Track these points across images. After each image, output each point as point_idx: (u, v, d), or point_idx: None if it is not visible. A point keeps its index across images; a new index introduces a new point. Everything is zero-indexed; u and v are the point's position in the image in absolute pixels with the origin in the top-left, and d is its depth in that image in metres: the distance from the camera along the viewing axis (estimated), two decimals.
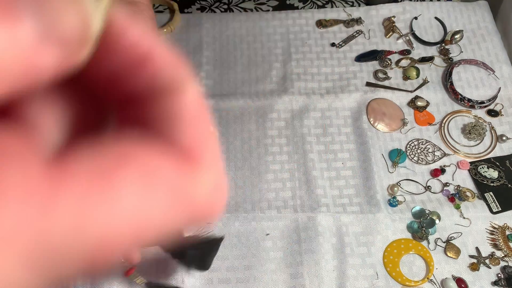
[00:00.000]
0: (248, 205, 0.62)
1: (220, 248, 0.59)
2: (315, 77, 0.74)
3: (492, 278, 0.58)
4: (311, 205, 0.62)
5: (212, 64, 0.75)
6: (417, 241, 0.60)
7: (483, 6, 0.81)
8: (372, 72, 0.74)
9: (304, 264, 0.57)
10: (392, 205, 0.62)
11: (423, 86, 0.72)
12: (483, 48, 0.76)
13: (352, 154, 0.67)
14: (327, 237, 0.59)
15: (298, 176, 0.65)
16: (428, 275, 0.57)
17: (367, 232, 0.60)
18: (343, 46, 0.77)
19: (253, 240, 0.59)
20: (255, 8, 0.83)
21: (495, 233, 0.60)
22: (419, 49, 0.77)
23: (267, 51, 0.77)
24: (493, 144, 0.68)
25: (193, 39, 0.77)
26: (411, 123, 0.69)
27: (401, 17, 0.80)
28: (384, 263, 0.58)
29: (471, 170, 0.65)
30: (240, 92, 0.72)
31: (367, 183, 0.64)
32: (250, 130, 0.69)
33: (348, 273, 0.57)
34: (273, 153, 0.67)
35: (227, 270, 0.58)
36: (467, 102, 0.70)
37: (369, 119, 0.69)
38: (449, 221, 0.61)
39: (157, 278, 0.56)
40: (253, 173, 0.65)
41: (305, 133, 0.68)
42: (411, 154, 0.67)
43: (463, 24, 0.79)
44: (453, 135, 0.68)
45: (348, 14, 0.80)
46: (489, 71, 0.74)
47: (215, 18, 0.80)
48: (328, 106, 0.71)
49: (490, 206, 0.62)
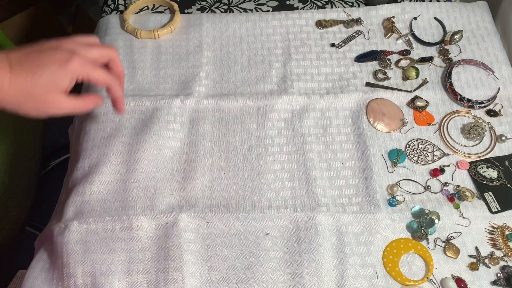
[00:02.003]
0: (248, 205, 0.62)
1: (220, 247, 0.59)
2: (315, 78, 0.74)
3: (491, 277, 0.58)
4: (311, 205, 0.62)
5: (212, 64, 0.75)
6: (416, 241, 0.60)
7: (482, 7, 0.81)
8: (372, 72, 0.74)
9: (304, 263, 0.57)
10: (392, 205, 0.62)
11: (423, 86, 0.72)
12: (482, 49, 0.76)
13: (352, 154, 0.67)
14: (326, 237, 0.59)
15: (298, 176, 0.65)
16: (427, 274, 0.58)
17: (367, 232, 0.60)
18: (342, 46, 0.77)
19: (253, 239, 0.60)
20: (255, 8, 0.83)
21: (495, 233, 0.60)
22: (418, 49, 0.77)
23: (267, 51, 0.77)
24: (493, 144, 0.68)
25: (193, 39, 0.78)
26: (411, 123, 0.70)
27: (400, 18, 0.80)
28: (383, 263, 0.58)
29: (470, 170, 0.66)
30: (240, 92, 0.72)
31: (367, 183, 0.64)
32: (250, 130, 0.69)
33: (347, 273, 0.57)
34: (273, 153, 0.67)
35: (227, 269, 0.58)
36: (466, 102, 0.70)
37: (369, 119, 0.69)
38: (449, 221, 0.61)
39: None
40: (253, 173, 0.65)
41: (305, 133, 0.68)
42: (410, 154, 0.67)
43: (463, 25, 0.79)
44: (453, 135, 0.69)
45: (348, 14, 0.80)
46: (489, 71, 0.74)
47: (215, 18, 0.80)
48: (327, 106, 0.71)
49: (489, 206, 0.62)
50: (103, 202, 0.62)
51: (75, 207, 0.61)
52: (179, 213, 0.60)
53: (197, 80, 0.73)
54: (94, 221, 0.60)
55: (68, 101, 0.54)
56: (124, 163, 0.65)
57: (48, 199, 0.79)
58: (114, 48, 0.59)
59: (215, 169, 0.65)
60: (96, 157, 0.65)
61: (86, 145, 0.67)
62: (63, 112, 0.54)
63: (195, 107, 0.71)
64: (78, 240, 0.59)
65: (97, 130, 0.68)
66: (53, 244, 0.60)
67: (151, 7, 0.83)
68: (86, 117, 0.70)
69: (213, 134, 0.68)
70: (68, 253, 0.58)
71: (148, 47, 0.77)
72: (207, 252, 0.59)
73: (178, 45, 0.77)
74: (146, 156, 0.65)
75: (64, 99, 0.53)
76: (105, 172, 0.64)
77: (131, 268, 0.57)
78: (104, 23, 0.81)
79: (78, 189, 0.63)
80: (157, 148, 0.66)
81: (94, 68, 0.55)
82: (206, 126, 0.69)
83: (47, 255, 0.60)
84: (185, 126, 0.69)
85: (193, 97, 0.71)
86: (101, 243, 0.59)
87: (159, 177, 0.64)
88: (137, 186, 0.63)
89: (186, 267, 0.57)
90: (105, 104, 0.70)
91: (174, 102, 0.70)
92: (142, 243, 0.59)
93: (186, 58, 0.76)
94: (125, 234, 0.59)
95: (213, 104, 0.71)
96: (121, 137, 0.67)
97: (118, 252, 0.58)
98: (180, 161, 0.66)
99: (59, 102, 0.53)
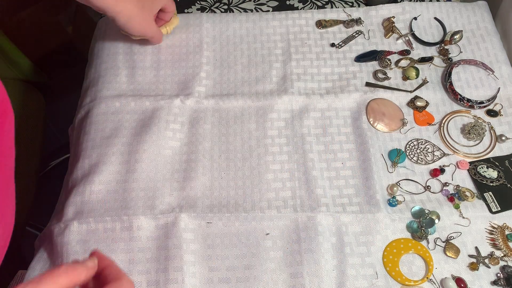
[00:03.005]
0: (248, 205, 0.62)
1: (220, 247, 0.59)
2: (315, 77, 0.74)
3: (491, 277, 0.58)
4: (311, 205, 0.62)
5: (212, 64, 0.75)
6: (416, 241, 0.60)
7: (482, 7, 0.81)
8: (372, 72, 0.74)
9: (304, 263, 0.57)
10: (392, 205, 0.62)
11: (423, 86, 0.72)
12: (482, 48, 0.76)
13: (352, 154, 0.67)
14: (326, 237, 0.59)
15: (298, 176, 0.65)
16: (427, 274, 0.58)
17: (367, 232, 0.60)
18: (342, 46, 0.77)
19: (253, 239, 0.60)
20: (255, 8, 0.83)
21: (495, 233, 0.60)
22: (418, 49, 0.77)
23: (267, 51, 0.77)
24: (493, 144, 0.68)
25: (193, 39, 0.77)
26: (411, 123, 0.70)
27: (400, 18, 0.80)
28: (383, 263, 0.58)
29: (470, 170, 0.66)
30: (240, 92, 0.72)
31: (367, 183, 0.64)
32: (250, 130, 0.69)
33: (347, 273, 0.57)
34: (273, 153, 0.67)
35: (227, 269, 0.58)
36: (466, 102, 0.70)
37: (369, 119, 0.69)
38: (449, 221, 0.61)
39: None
40: (253, 173, 0.65)
41: (305, 133, 0.68)
42: (410, 154, 0.67)
43: (463, 25, 0.79)
44: (453, 135, 0.69)
45: (348, 14, 0.80)
46: (489, 71, 0.74)
47: (215, 18, 0.80)
48: (327, 106, 0.71)
49: (489, 206, 0.62)
50: (103, 202, 0.62)
51: (75, 207, 0.61)
52: (179, 213, 0.60)
53: (197, 80, 0.73)
54: (94, 221, 0.60)
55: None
56: (124, 163, 0.65)
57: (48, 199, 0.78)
58: None
59: (215, 169, 0.65)
60: (96, 157, 0.65)
61: (86, 145, 0.67)
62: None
63: (195, 107, 0.71)
64: (78, 240, 0.59)
65: (97, 130, 0.68)
66: (53, 244, 0.60)
67: None
68: (86, 117, 0.70)
69: (213, 134, 0.68)
70: (68, 253, 0.58)
71: (148, 47, 0.77)
72: (207, 252, 0.59)
73: (178, 45, 0.77)
74: (146, 156, 0.65)
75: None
76: (105, 172, 0.64)
77: (131, 268, 0.57)
78: (103, 23, 0.81)
79: (78, 189, 0.63)
80: (157, 148, 0.66)
81: None
82: (206, 126, 0.69)
83: (47, 255, 0.60)
84: (185, 126, 0.69)
85: (193, 97, 0.71)
86: (101, 243, 0.59)
87: (159, 177, 0.64)
88: (137, 186, 0.63)
89: (186, 267, 0.57)
90: (105, 104, 0.70)
91: (174, 102, 0.70)
92: (142, 243, 0.59)
93: (186, 58, 0.76)
94: (125, 234, 0.59)
95: (213, 104, 0.71)
96: (121, 137, 0.67)
97: (118, 252, 0.58)
98: (180, 161, 0.66)
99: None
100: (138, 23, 0.68)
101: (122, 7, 0.64)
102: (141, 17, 0.67)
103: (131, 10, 0.65)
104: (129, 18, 0.66)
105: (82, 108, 0.72)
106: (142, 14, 0.67)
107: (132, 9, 0.65)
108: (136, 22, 0.68)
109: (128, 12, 0.65)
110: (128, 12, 0.65)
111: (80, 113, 0.71)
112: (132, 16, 0.66)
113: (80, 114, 0.71)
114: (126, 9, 0.65)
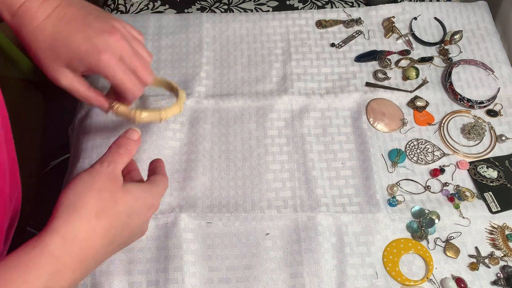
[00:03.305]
0: (248, 205, 0.62)
1: (220, 247, 0.59)
2: (315, 77, 0.74)
3: (491, 277, 0.58)
4: (311, 205, 0.62)
5: (212, 64, 0.75)
6: (416, 241, 0.60)
7: (482, 7, 0.81)
8: (372, 72, 0.74)
9: (304, 263, 0.57)
10: (392, 204, 0.62)
11: (423, 86, 0.72)
12: (482, 48, 0.76)
13: (352, 154, 0.67)
14: (326, 237, 0.59)
15: (298, 176, 0.65)
16: (427, 274, 0.58)
17: (367, 232, 0.60)
18: (342, 46, 0.77)
19: (253, 239, 0.60)
20: (255, 8, 0.83)
21: (495, 233, 0.60)
22: (418, 49, 0.77)
23: (267, 51, 0.77)
24: (493, 144, 0.68)
25: (193, 39, 0.77)
26: (411, 123, 0.70)
27: (400, 18, 0.80)
28: (383, 263, 0.58)
29: (470, 170, 0.66)
30: (240, 92, 0.72)
31: (367, 183, 0.64)
32: (250, 130, 0.69)
33: (347, 273, 0.57)
34: (273, 153, 0.67)
35: (227, 269, 0.58)
36: (466, 102, 0.70)
37: (369, 119, 0.69)
38: (449, 221, 0.61)
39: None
40: (253, 173, 0.65)
41: (305, 133, 0.68)
42: (410, 154, 0.67)
43: (463, 25, 0.79)
44: (453, 135, 0.69)
45: (348, 14, 0.80)
46: (489, 71, 0.74)
47: (215, 18, 0.80)
48: (328, 106, 0.71)
49: (489, 206, 0.62)
50: None
51: None
52: (179, 213, 0.60)
53: (197, 80, 0.73)
54: None
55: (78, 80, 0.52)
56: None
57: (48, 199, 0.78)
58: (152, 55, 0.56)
59: (215, 169, 0.65)
60: (96, 157, 0.65)
61: (86, 145, 0.67)
62: (63, 85, 0.52)
63: (195, 107, 0.71)
64: None
65: (97, 130, 0.68)
66: None
67: (151, 7, 0.83)
68: (86, 117, 0.70)
69: (213, 134, 0.68)
70: None
71: (148, 47, 0.77)
72: (207, 252, 0.59)
73: (178, 45, 0.77)
74: (146, 156, 0.65)
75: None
76: None
77: (131, 268, 0.57)
78: None
79: None
80: (157, 148, 0.66)
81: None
82: (206, 126, 0.69)
83: None
84: (185, 126, 0.69)
85: (193, 97, 0.71)
86: None
87: None
88: None
89: (186, 267, 0.57)
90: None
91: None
92: (142, 243, 0.59)
93: (186, 58, 0.76)
94: None
95: (213, 104, 0.71)
96: None
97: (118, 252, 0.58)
98: (180, 161, 0.66)
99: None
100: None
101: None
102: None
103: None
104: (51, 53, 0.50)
105: (82, 108, 0.72)
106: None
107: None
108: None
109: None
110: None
111: (80, 113, 0.71)
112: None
113: (80, 114, 0.71)
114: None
